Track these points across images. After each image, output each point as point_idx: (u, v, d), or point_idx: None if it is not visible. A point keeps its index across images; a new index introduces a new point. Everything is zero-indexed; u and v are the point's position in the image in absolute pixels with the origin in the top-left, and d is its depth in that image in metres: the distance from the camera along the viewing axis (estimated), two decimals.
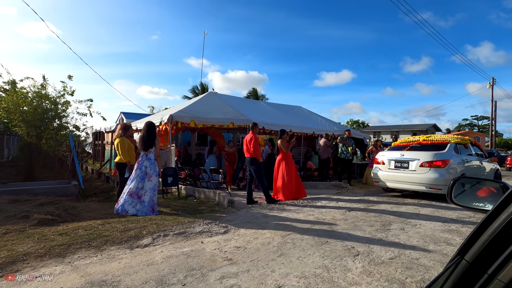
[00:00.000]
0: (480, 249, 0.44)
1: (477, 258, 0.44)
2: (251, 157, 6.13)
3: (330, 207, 5.51)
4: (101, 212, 4.86)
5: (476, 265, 0.44)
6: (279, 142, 6.85)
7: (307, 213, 4.97)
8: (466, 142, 7.41)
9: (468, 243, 0.47)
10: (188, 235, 3.61)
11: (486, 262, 0.43)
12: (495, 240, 0.42)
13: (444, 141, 6.93)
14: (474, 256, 0.45)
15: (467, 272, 0.45)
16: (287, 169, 6.63)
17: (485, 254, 0.43)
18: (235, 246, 3.24)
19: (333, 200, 6.29)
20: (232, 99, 12.79)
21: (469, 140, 7.69)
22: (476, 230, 0.46)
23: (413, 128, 42.36)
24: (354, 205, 5.70)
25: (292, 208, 5.43)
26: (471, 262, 0.45)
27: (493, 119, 24.89)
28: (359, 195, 7.06)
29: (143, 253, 3.03)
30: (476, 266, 0.44)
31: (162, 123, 8.87)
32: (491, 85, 24.94)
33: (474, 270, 0.44)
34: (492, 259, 0.42)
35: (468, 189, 1.25)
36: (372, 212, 5.08)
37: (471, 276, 0.44)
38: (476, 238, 0.46)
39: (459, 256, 0.48)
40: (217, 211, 5.14)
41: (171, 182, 7.84)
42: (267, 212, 5.11)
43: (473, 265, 0.44)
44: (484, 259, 0.43)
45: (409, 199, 6.47)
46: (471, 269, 0.45)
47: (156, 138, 5.00)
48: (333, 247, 3.24)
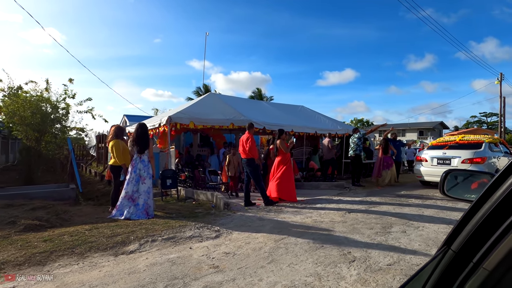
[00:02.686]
0: (465, 239, 0.45)
1: (463, 248, 0.45)
2: (247, 158, 5.98)
3: (329, 209, 5.31)
4: (94, 216, 4.75)
5: (462, 254, 0.45)
6: (278, 142, 6.67)
7: (305, 215, 4.79)
8: (496, 141, 8.23)
9: (454, 233, 0.48)
10: (177, 240, 3.46)
11: (472, 251, 0.43)
12: (480, 229, 0.43)
13: (480, 140, 7.72)
14: (460, 246, 0.45)
15: (454, 261, 0.45)
16: (286, 170, 6.45)
17: (470, 244, 0.44)
18: (224, 252, 3.08)
19: (333, 201, 6.08)
20: (232, 99, 12.66)
21: (498, 139, 8.58)
22: (462, 220, 0.47)
23: (419, 126, 41.70)
24: (355, 207, 5.49)
25: (290, 210, 5.25)
26: (457, 252, 0.45)
27: (502, 116, 24.26)
28: (361, 195, 6.84)
29: (127, 260, 2.89)
30: (462, 255, 0.45)
31: (161, 124, 8.78)
32: (499, 80, 24.32)
33: (460, 259, 0.45)
34: (477, 248, 0.42)
35: (461, 182, 1.27)
36: (373, 213, 4.87)
37: (457, 265, 0.44)
38: (461, 228, 0.46)
39: (446, 246, 0.49)
40: (212, 214, 4.99)
41: (170, 184, 7.73)
42: (263, 214, 4.94)
43: (459, 254, 0.45)
44: (470, 248, 0.44)
45: (413, 199, 6.23)
46: (457, 258, 0.45)
47: (149, 139, 4.87)
48: (328, 252, 3.05)
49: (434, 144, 8.76)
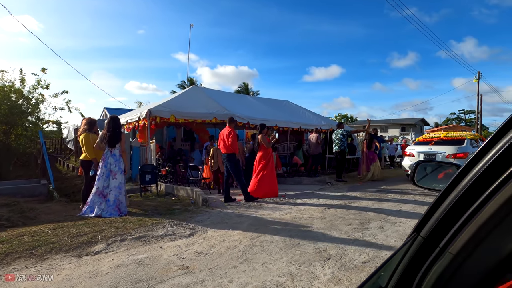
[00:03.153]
0: (433, 225, 0.47)
1: (431, 234, 0.48)
2: (228, 153, 5.83)
3: (309, 205, 5.27)
4: (63, 214, 4.49)
5: (430, 240, 0.48)
6: (259, 137, 6.55)
7: (285, 212, 4.71)
8: (477, 137, 8.81)
9: (423, 220, 0.50)
10: (148, 239, 3.29)
11: (439, 236, 0.46)
12: (446, 216, 0.45)
13: (462, 137, 8.26)
14: (428, 232, 0.48)
15: (422, 247, 0.48)
16: (268, 166, 6.35)
17: (438, 230, 0.46)
18: (197, 251, 2.94)
19: (314, 197, 6.05)
20: (216, 93, 12.43)
21: (478, 136, 9.19)
22: (431, 208, 0.49)
23: (401, 123, 42.73)
24: (335, 202, 5.47)
25: (270, 206, 5.16)
26: (426, 238, 0.48)
27: (479, 113, 25.17)
28: (342, 190, 6.85)
29: (91, 262, 2.70)
30: (430, 241, 0.47)
31: (141, 118, 8.48)
32: (477, 79, 25.12)
33: (428, 245, 0.47)
34: (443, 234, 0.45)
35: (430, 173, 1.33)
36: (352, 209, 4.85)
37: (425, 250, 0.47)
38: (430, 215, 0.49)
39: (415, 233, 0.51)
40: (190, 211, 4.83)
41: (149, 179, 7.49)
42: (242, 211, 4.83)
43: (427, 240, 0.48)
44: (437, 234, 0.46)
45: (392, 195, 6.29)
46: (425, 244, 0.48)
47: (121, 132, 4.62)
48: (304, 250, 2.98)
49: (420, 140, 9.21)
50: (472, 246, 0.42)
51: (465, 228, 0.42)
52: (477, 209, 0.41)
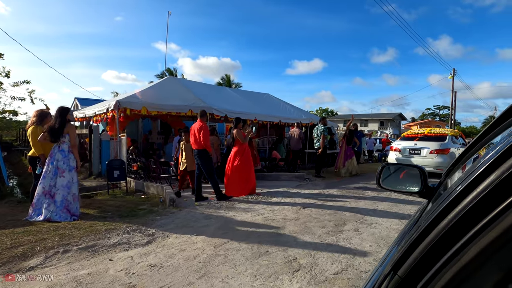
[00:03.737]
0: (411, 265, 0.45)
1: (409, 274, 0.45)
2: (199, 149, 5.44)
3: (285, 204, 5.02)
4: (6, 218, 3.96)
5: (407, 280, 0.45)
6: (234, 132, 6.20)
7: (257, 212, 4.42)
8: (457, 134, 9.39)
9: (402, 258, 0.48)
10: (97, 249, 2.88)
11: (417, 277, 0.44)
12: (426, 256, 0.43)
13: (444, 133, 8.83)
14: (406, 272, 0.46)
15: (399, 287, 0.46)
16: (243, 162, 6.03)
17: (416, 270, 0.44)
18: (150, 264, 2.58)
19: (290, 195, 5.82)
20: (194, 84, 11.89)
21: (458, 132, 9.73)
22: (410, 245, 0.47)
23: (380, 117, 43.73)
24: (312, 201, 5.26)
25: (242, 206, 4.85)
26: (403, 278, 0.46)
27: (453, 109, 26.08)
28: (319, 187, 6.68)
29: (20, 281, 2.28)
30: (408, 281, 0.45)
31: (109, 110, 7.86)
32: (452, 75, 25.93)
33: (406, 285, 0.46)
34: (422, 275, 0.43)
35: (393, 174, 1.34)
36: (328, 208, 4.65)
37: None
38: (409, 253, 0.47)
39: (392, 271, 0.49)
40: (155, 212, 4.43)
41: (118, 176, 6.98)
42: (212, 211, 4.49)
43: (405, 280, 0.46)
44: (415, 274, 0.44)
45: (369, 192, 6.18)
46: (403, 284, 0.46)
47: (68, 124, 4.09)
48: (272, 259, 2.70)
49: (406, 136, 9.80)
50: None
51: (445, 269, 0.40)
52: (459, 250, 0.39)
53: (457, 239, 0.40)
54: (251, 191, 5.94)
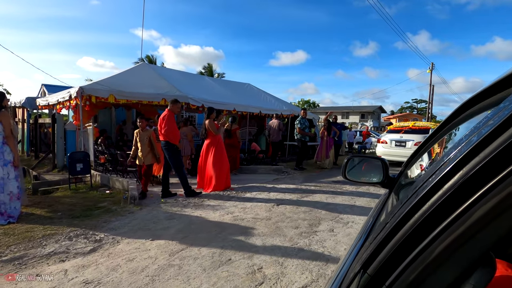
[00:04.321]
0: (380, 263, 0.46)
1: (378, 272, 0.46)
2: (165, 141, 4.95)
3: (258, 200, 4.68)
4: None
5: (376, 278, 0.47)
6: (206, 122, 5.75)
7: (227, 210, 4.06)
8: None
9: (371, 256, 0.49)
10: (26, 262, 2.41)
11: (385, 274, 0.45)
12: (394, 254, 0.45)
13: (427, 127, 9.34)
14: (375, 270, 0.47)
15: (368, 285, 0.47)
16: (216, 155, 5.61)
17: (385, 268, 0.46)
18: (86, 280, 2.15)
19: (266, 190, 5.49)
20: (169, 72, 11.22)
21: None
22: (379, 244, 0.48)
23: (361, 110, 44.38)
24: (287, 196, 4.96)
25: (212, 203, 4.47)
26: (372, 276, 0.47)
27: (431, 103, 26.72)
28: (297, 181, 6.40)
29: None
30: (377, 279, 0.46)
31: (72, 97, 7.16)
32: (430, 69, 26.45)
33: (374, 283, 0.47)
34: (390, 272, 0.44)
35: (357, 165, 1.39)
36: (304, 205, 4.36)
37: None
38: (378, 252, 0.48)
39: (362, 269, 0.50)
40: (112, 211, 3.96)
41: (81, 169, 6.36)
42: (177, 210, 4.08)
43: (374, 278, 0.47)
44: (384, 272, 0.46)
45: (348, 186, 5.97)
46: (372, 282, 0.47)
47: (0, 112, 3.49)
48: (234, 270, 2.34)
49: (392, 129, 10.32)
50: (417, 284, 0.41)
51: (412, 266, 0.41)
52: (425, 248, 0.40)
53: (423, 237, 0.41)
54: (225, 186, 5.56)
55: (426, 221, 0.41)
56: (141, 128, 5.30)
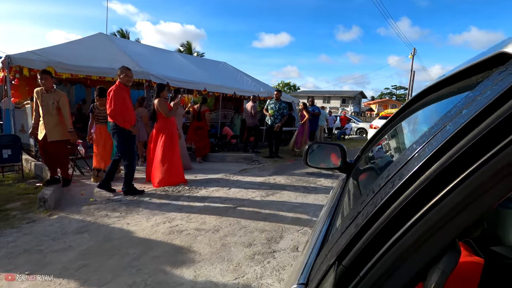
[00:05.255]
0: (355, 255, 0.47)
1: (352, 263, 0.47)
2: (113, 123, 3.85)
3: (213, 200, 3.79)
4: None
5: (351, 269, 0.47)
6: (155, 102, 4.69)
7: (167, 217, 3.13)
8: None
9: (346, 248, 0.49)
10: None
11: (359, 265, 0.46)
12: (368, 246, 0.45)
13: None
14: (350, 261, 0.48)
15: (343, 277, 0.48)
16: (167, 142, 4.61)
17: (359, 259, 0.47)
18: None
19: (227, 185, 4.60)
20: (131, 45, 9.83)
21: None
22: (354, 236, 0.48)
23: (342, 95, 44.08)
24: (250, 194, 4.10)
25: (152, 205, 3.52)
26: (347, 267, 0.48)
27: (411, 88, 26.59)
28: (266, 173, 5.56)
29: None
30: (351, 270, 0.47)
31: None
32: (412, 55, 26.14)
33: (349, 274, 0.47)
34: (364, 263, 0.45)
35: (318, 152, 1.41)
36: (267, 208, 3.51)
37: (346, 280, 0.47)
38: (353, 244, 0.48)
39: (337, 261, 0.51)
40: (8, 219, 2.94)
41: (8, 156, 5.17)
42: (100, 216, 3.09)
43: (349, 269, 0.48)
44: (358, 263, 0.46)
45: (323, 180, 5.20)
46: (346, 273, 0.48)
47: None
48: None
49: (383, 115, 10.83)
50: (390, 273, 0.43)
51: (385, 256, 0.43)
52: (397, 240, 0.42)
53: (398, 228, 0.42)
54: (177, 181, 4.61)
55: (402, 211, 0.42)
56: (45, 87, 3.91)
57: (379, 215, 0.45)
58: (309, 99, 9.10)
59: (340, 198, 1.04)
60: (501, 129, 0.34)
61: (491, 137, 0.35)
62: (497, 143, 0.34)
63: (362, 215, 0.49)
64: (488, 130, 0.35)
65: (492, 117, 0.35)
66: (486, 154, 0.34)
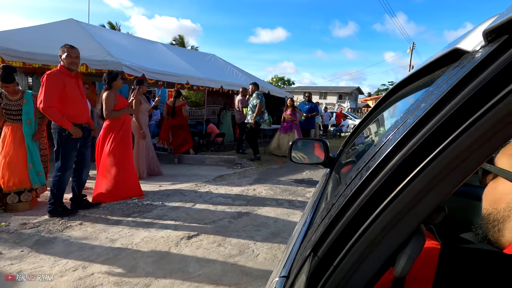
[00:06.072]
0: (328, 245, 0.49)
1: (326, 253, 0.49)
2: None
3: (164, 224, 2.83)
4: None
5: (325, 259, 0.49)
6: (103, 96, 3.72)
7: (83, 258, 2.17)
8: None
9: (320, 239, 0.51)
10: None
11: (333, 256, 0.48)
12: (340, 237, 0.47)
13: None
14: (324, 252, 0.49)
15: (318, 267, 0.50)
16: (116, 146, 3.66)
17: (333, 249, 0.48)
18: None
19: (192, 199, 3.65)
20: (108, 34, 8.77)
21: None
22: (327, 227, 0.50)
23: (339, 91, 43.28)
24: (217, 214, 3.15)
25: (76, 233, 2.56)
26: (322, 258, 0.50)
27: None
28: (247, 181, 4.62)
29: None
30: (325, 260, 0.49)
31: None
32: (411, 49, 25.40)
33: (324, 264, 0.49)
34: (337, 253, 0.47)
35: (302, 148, 1.42)
36: (235, 236, 2.58)
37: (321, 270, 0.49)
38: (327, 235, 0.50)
39: (313, 253, 0.52)
40: None
41: None
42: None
43: (323, 260, 0.49)
44: (332, 253, 0.48)
45: (313, 189, 4.29)
46: (321, 264, 0.49)
47: None
48: None
49: None
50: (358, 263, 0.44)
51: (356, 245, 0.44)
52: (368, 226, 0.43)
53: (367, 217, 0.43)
54: (129, 193, 3.65)
55: (370, 201, 0.43)
56: None
57: (349, 205, 0.46)
58: (306, 95, 8.14)
59: (323, 192, 1.08)
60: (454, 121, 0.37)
61: (445, 129, 0.37)
62: (450, 134, 0.37)
63: (335, 206, 0.51)
64: (441, 123, 0.37)
65: (445, 110, 0.38)
66: (441, 144, 0.37)
